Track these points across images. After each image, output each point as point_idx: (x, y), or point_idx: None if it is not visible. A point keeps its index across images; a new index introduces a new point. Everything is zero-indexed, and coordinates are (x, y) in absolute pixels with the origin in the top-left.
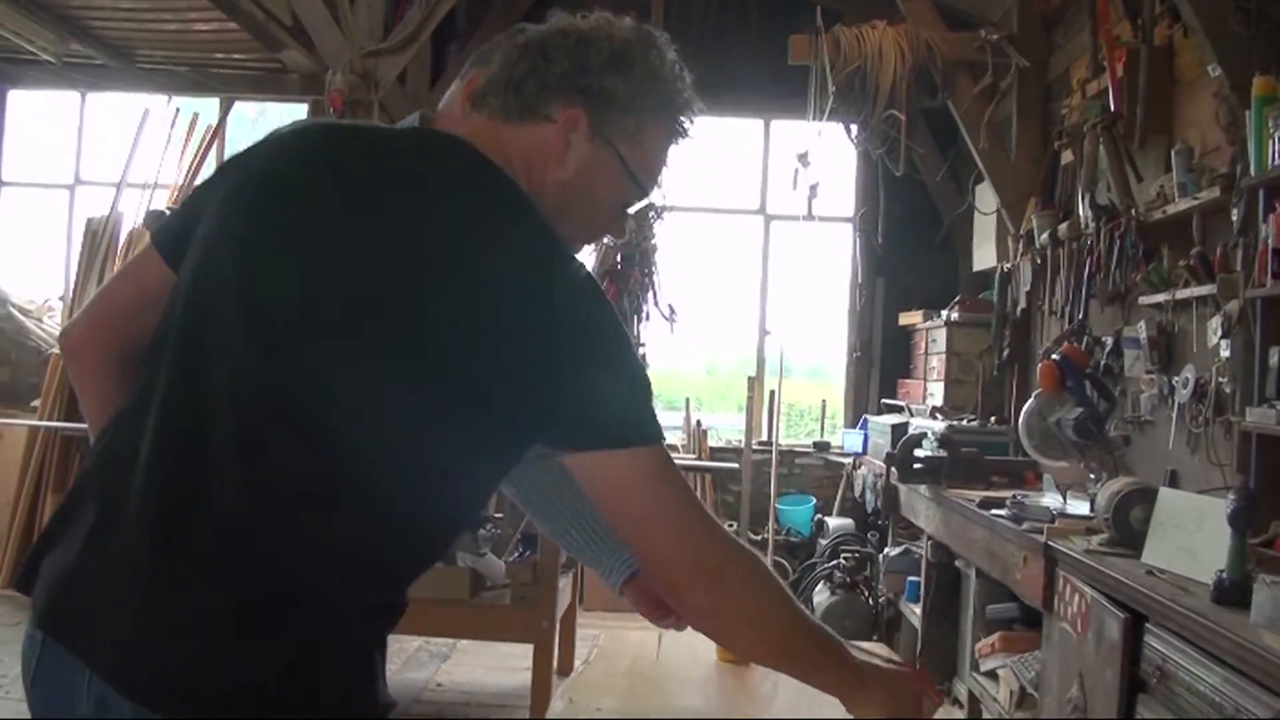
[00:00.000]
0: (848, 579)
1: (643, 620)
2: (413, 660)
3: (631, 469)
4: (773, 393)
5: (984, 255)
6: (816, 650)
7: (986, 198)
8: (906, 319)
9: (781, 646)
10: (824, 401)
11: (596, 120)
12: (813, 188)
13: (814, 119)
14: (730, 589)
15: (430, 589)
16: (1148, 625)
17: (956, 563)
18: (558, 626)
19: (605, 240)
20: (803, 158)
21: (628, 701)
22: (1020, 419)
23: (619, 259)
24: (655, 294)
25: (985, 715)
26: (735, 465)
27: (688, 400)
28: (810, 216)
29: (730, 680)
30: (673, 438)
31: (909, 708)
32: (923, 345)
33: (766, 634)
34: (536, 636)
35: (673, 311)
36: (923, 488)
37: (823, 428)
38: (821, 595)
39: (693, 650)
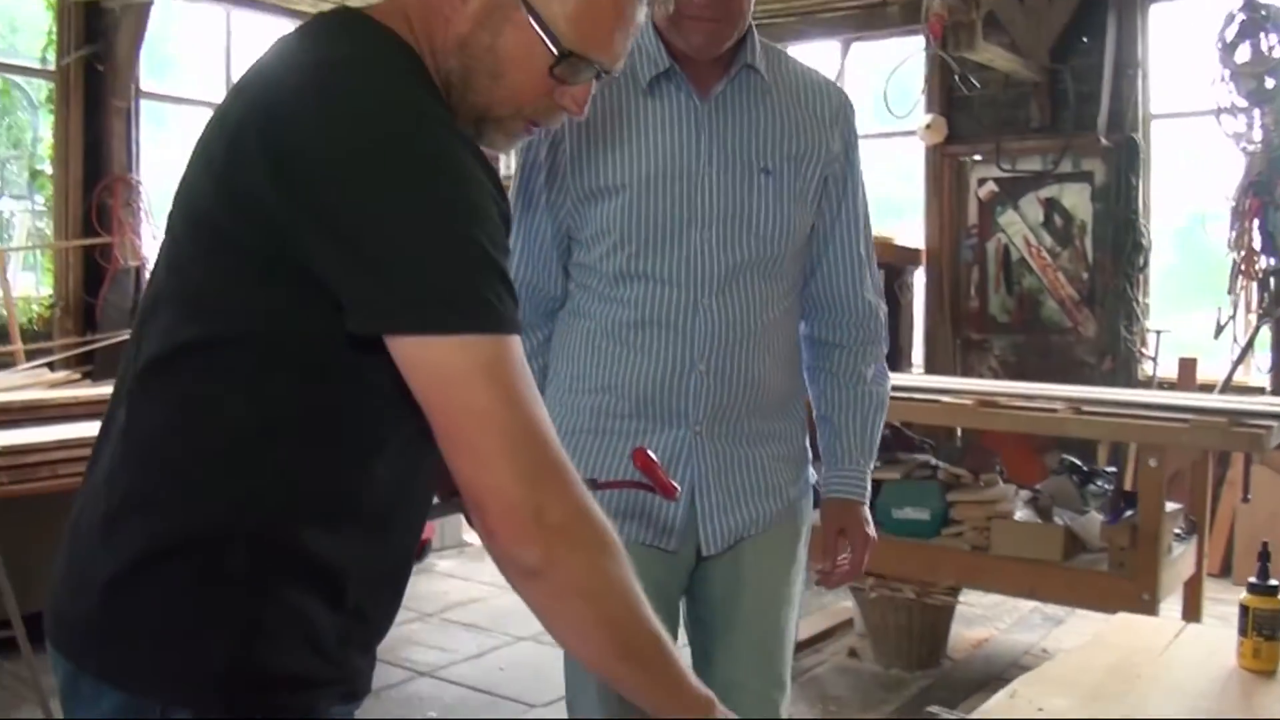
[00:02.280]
0: None
1: None
2: (1024, 622)
3: (450, 360)
4: None
5: None
6: (664, 662)
7: None
8: None
9: (622, 639)
10: None
11: None
12: None
13: None
14: (564, 542)
15: (1022, 547)
16: None
17: None
18: (1164, 599)
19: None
20: None
21: (1084, 703)
22: None
23: None
24: None
25: None
26: None
27: None
28: None
29: (1237, 693)
30: None
31: None
32: None
33: (604, 615)
34: (1134, 610)
35: None
36: None
37: None
38: None
39: (1211, 648)
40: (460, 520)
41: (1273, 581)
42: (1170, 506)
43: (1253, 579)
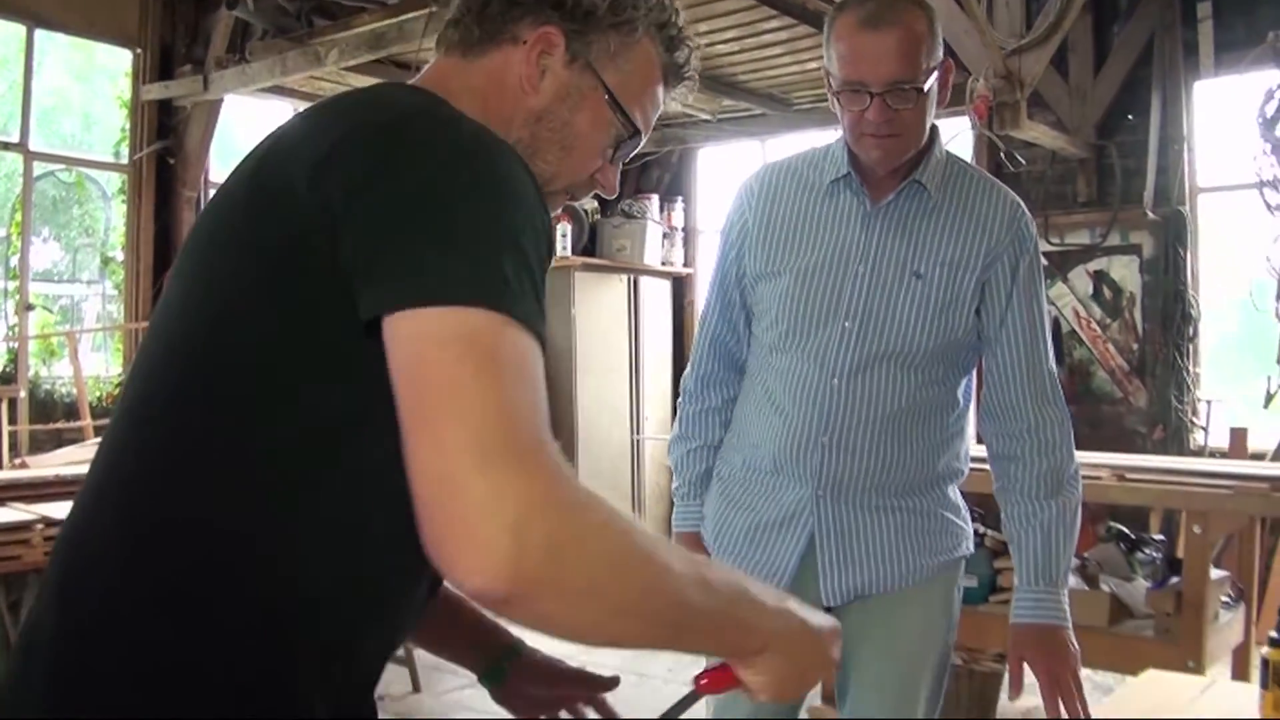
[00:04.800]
0: None
1: None
2: None
3: (430, 329)
4: None
5: None
6: (712, 623)
7: None
8: None
9: (662, 617)
10: None
11: (575, 41)
12: None
13: None
14: (549, 537)
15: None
16: None
17: None
18: (1212, 666)
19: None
20: None
21: None
22: None
23: None
24: None
25: None
26: None
27: None
28: None
29: None
30: None
31: (801, 678)
32: None
33: (620, 604)
34: None
35: None
36: None
37: None
38: None
39: (1236, 703)
40: None
41: None
42: (1216, 574)
43: (1273, 633)
